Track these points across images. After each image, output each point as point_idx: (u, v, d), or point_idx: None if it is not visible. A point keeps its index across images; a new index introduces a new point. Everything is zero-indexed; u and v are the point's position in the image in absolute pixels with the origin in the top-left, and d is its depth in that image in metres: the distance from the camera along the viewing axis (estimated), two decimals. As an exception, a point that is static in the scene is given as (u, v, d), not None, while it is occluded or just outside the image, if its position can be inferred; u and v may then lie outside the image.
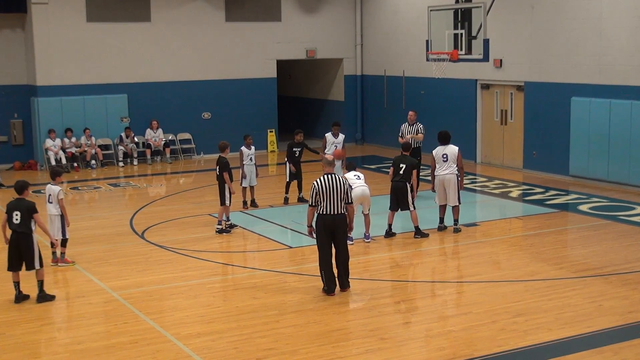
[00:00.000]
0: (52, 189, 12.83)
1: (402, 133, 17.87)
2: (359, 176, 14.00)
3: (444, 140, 14.68)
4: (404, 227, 14.71)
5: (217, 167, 14.97)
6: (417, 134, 17.63)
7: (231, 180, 14.91)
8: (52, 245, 12.68)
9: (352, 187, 13.76)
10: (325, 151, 16.98)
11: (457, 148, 14.64)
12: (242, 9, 25.31)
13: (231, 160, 15.33)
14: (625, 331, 9.70)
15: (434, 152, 14.73)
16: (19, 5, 22.98)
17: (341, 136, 17.42)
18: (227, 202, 14.91)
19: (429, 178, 15.28)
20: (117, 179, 21.59)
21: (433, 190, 14.81)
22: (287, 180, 17.49)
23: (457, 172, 14.55)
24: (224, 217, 15.13)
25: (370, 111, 27.16)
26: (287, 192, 17.56)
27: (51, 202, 12.81)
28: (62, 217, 12.81)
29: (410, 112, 18.17)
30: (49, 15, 22.89)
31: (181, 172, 22.94)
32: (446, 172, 14.53)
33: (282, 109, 27.12)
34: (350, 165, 14.38)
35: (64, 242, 12.96)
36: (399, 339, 9.58)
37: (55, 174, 13.05)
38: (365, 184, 13.89)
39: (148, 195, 19.54)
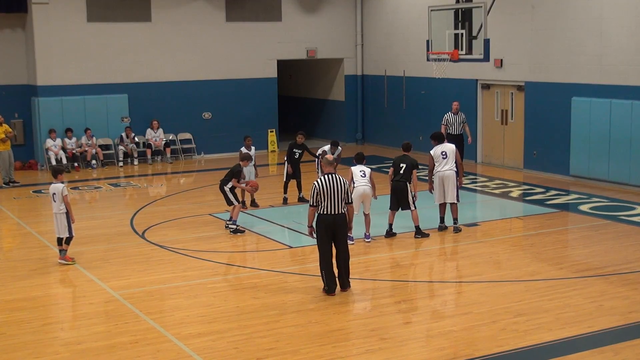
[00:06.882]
0: (56, 187, 12.82)
1: (447, 122, 20.03)
2: (364, 173, 13.91)
3: (439, 139, 14.85)
4: (405, 226, 14.70)
5: (230, 172, 15.08)
6: (465, 123, 20.28)
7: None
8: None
9: (355, 183, 13.79)
10: None
11: (453, 145, 14.88)
12: (242, 9, 25.31)
13: (232, 161, 15.32)
14: (626, 331, 9.70)
15: (431, 151, 14.75)
16: (19, 5, 22.96)
17: (338, 149, 17.25)
18: (235, 201, 15.01)
19: (427, 178, 15.27)
20: (117, 179, 21.58)
21: (431, 191, 14.81)
22: (285, 180, 17.50)
23: (455, 169, 14.62)
24: (229, 219, 15.14)
25: (371, 111, 27.16)
26: (285, 192, 17.55)
27: (55, 201, 12.81)
28: (67, 214, 12.83)
29: (455, 102, 20.28)
30: (49, 15, 22.89)
31: (181, 172, 22.94)
32: (445, 168, 14.58)
33: (282, 109, 27.12)
34: (359, 157, 14.24)
35: (68, 240, 12.97)
36: (399, 339, 9.57)
37: (57, 171, 13.06)
38: (367, 184, 13.86)
39: (148, 195, 19.54)
